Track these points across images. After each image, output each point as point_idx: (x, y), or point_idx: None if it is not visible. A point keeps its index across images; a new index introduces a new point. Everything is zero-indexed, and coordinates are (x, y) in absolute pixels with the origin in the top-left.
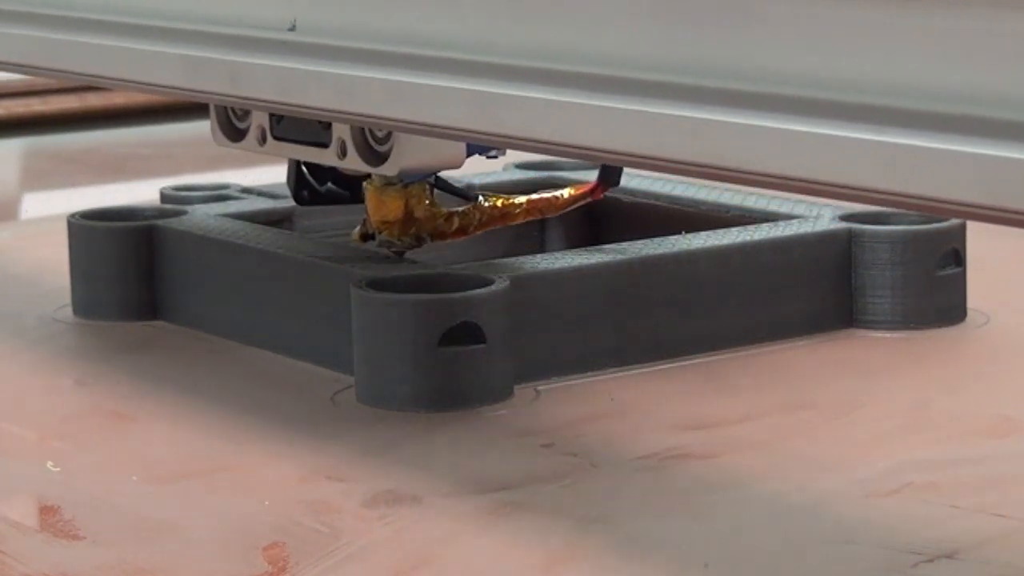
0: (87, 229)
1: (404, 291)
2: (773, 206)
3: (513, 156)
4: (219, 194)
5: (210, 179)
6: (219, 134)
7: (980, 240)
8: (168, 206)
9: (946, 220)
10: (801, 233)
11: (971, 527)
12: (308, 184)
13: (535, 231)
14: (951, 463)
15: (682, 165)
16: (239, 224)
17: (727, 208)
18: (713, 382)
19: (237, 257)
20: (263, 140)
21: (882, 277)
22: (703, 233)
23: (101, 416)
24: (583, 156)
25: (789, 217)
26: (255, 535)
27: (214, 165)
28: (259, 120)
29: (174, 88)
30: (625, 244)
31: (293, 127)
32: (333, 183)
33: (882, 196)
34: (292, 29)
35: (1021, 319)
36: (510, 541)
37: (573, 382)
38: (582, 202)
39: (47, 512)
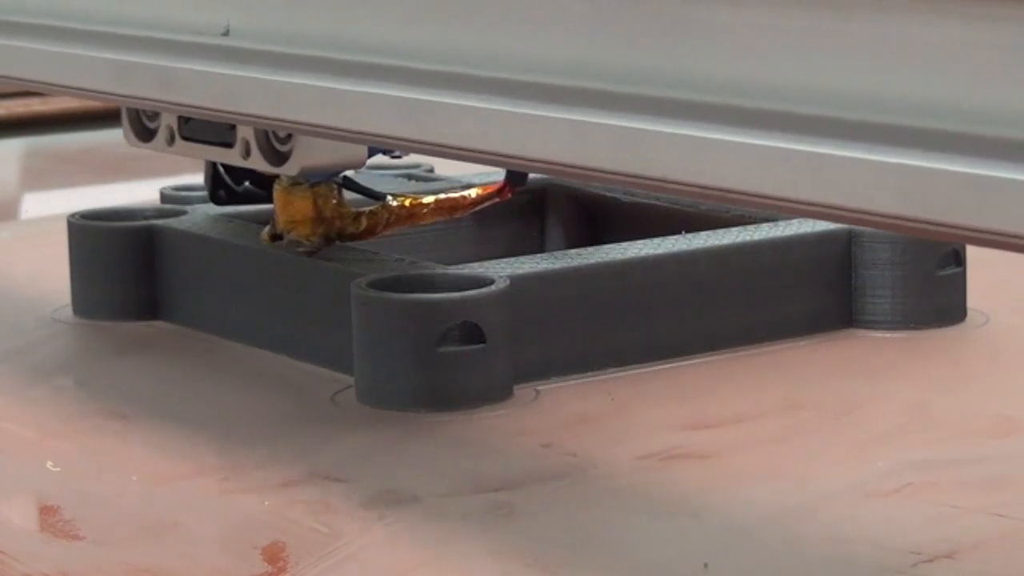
0: (87, 229)
1: (404, 291)
2: None
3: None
4: None
5: None
6: (131, 135)
7: None
8: (168, 206)
9: None
10: (801, 233)
11: (971, 527)
12: (224, 184)
13: (535, 231)
14: (951, 463)
15: (606, 174)
16: (239, 224)
17: (727, 208)
18: (713, 382)
19: (237, 257)
20: (172, 140)
21: (882, 277)
22: (703, 233)
23: (101, 416)
24: (512, 165)
25: (789, 217)
26: (255, 535)
27: None
28: (168, 121)
29: (105, 93)
30: (625, 244)
31: (200, 128)
32: (251, 183)
33: (803, 206)
34: (226, 34)
35: (1021, 319)
36: (509, 541)
37: (573, 382)
38: (490, 202)
39: (47, 512)
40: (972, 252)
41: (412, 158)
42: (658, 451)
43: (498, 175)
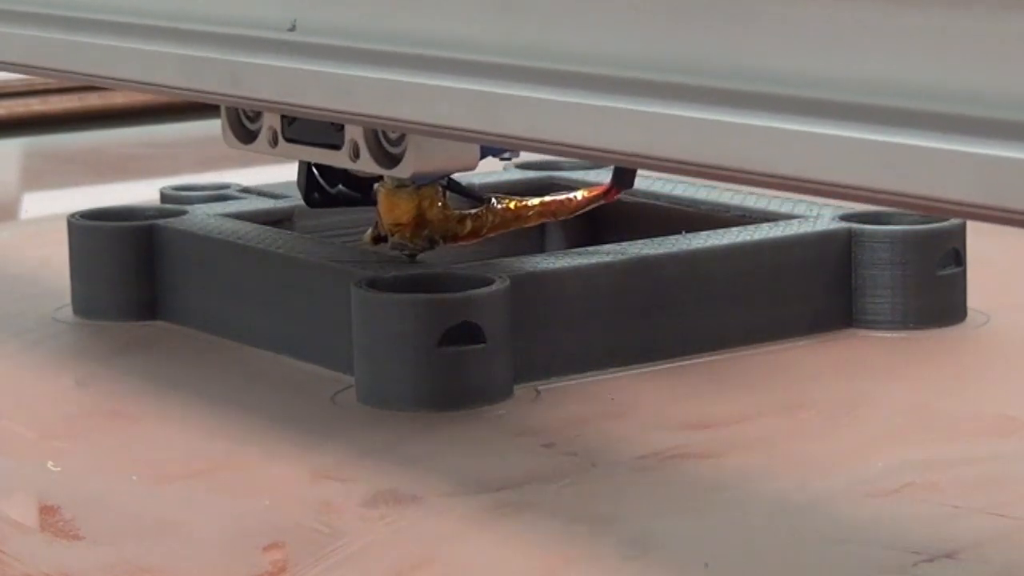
0: (87, 229)
1: (404, 291)
2: (773, 206)
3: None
4: (219, 194)
5: (210, 179)
6: (230, 135)
7: (980, 240)
8: (168, 206)
9: (946, 220)
10: (801, 233)
11: (971, 527)
12: (319, 186)
13: (535, 231)
14: (951, 463)
15: (682, 165)
16: (239, 224)
17: (727, 208)
18: (713, 382)
19: (237, 257)
20: (275, 142)
21: (882, 277)
22: (703, 233)
23: (101, 416)
24: (585, 156)
25: (789, 217)
26: (255, 535)
27: (214, 165)
28: (271, 122)
29: (174, 88)
30: (625, 244)
31: (305, 129)
32: (344, 185)
33: (880, 195)
34: (292, 29)
35: (1021, 319)
36: (510, 541)
37: (573, 382)
38: (595, 204)
39: (47, 512)
40: (972, 252)
41: None
42: (659, 451)
43: (498, 176)
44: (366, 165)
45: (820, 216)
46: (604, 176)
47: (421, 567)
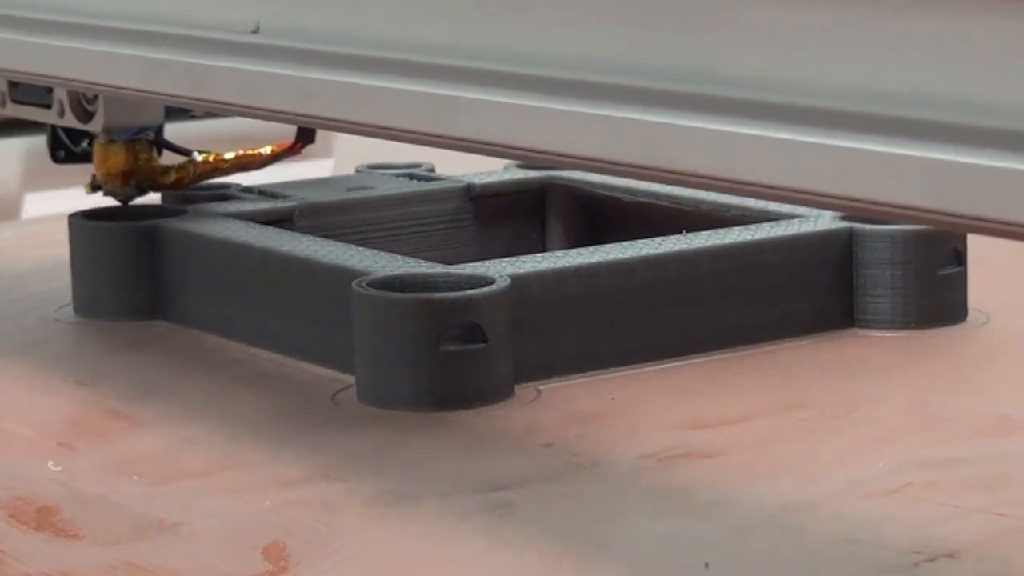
0: (88, 229)
1: (405, 290)
2: (774, 206)
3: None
4: (219, 194)
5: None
6: None
7: (980, 240)
8: (168, 205)
9: None
10: (802, 232)
11: (971, 527)
12: (63, 144)
13: (536, 231)
14: (951, 463)
15: (636, 168)
16: (239, 224)
17: (728, 208)
18: (713, 382)
19: (237, 257)
20: (3, 103)
21: (883, 276)
22: (704, 233)
23: (101, 416)
24: (536, 159)
25: (790, 217)
26: (255, 535)
27: None
28: (0, 86)
29: (135, 90)
30: (625, 244)
31: (27, 92)
32: (89, 144)
33: (834, 201)
34: (256, 31)
35: (1021, 319)
36: (510, 541)
37: (573, 382)
38: (283, 159)
39: (47, 512)
40: (973, 252)
41: (413, 157)
42: (659, 450)
43: (499, 176)
44: (69, 120)
45: (821, 216)
46: (604, 176)
47: (421, 567)
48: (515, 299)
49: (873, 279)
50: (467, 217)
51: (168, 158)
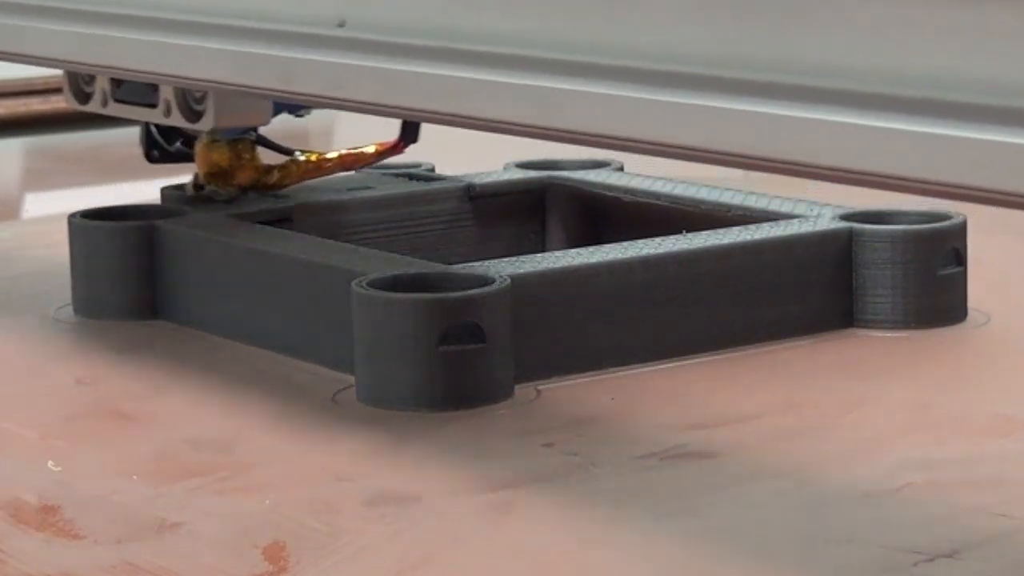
0: (88, 228)
1: (405, 290)
2: (774, 206)
3: (509, 154)
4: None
5: None
6: (70, 97)
7: (980, 240)
8: (168, 206)
9: (947, 220)
10: (802, 232)
11: (971, 527)
12: (158, 144)
13: (536, 231)
14: (951, 463)
15: (743, 159)
16: (239, 224)
17: (728, 207)
18: (713, 382)
19: (237, 257)
20: (106, 103)
21: (883, 276)
22: (704, 233)
23: (101, 416)
24: (636, 150)
25: (790, 216)
26: (256, 534)
27: None
28: (102, 84)
29: (224, 83)
30: (625, 244)
31: (130, 91)
32: (182, 144)
33: (942, 188)
34: (341, 26)
35: (1021, 319)
36: (510, 541)
37: (573, 382)
38: (386, 157)
39: (47, 512)
40: (972, 252)
41: (413, 157)
42: (659, 450)
43: (499, 175)
44: (175, 120)
45: (821, 215)
46: (604, 176)
47: (421, 567)
48: (515, 299)
49: (873, 279)
50: (467, 217)
51: (270, 158)
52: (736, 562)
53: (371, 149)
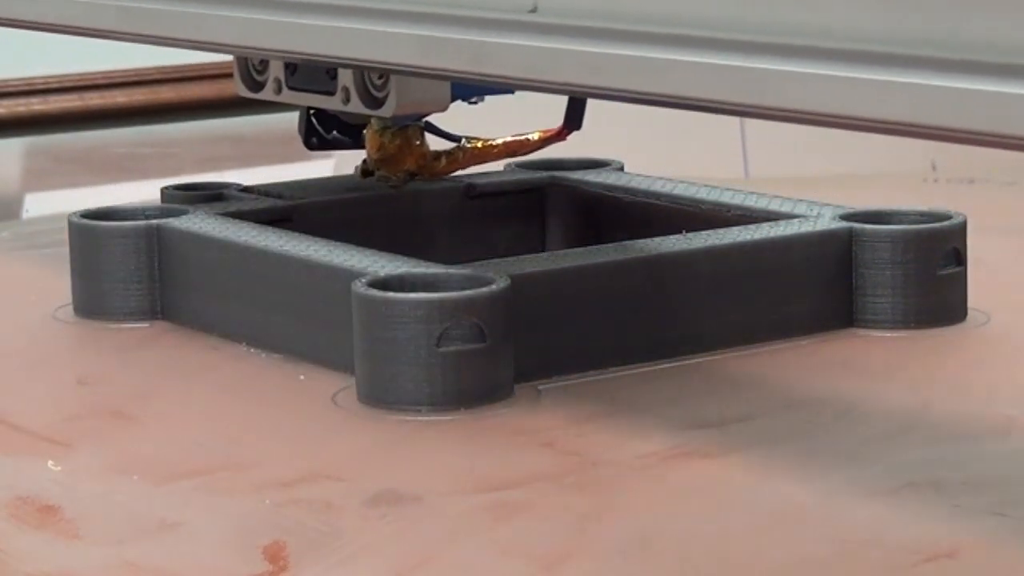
0: (88, 228)
1: (405, 290)
2: (774, 205)
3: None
4: (219, 194)
5: (210, 179)
6: (241, 86)
7: (980, 240)
8: (169, 205)
9: (947, 220)
10: (802, 232)
11: (971, 527)
12: (316, 132)
13: (536, 230)
14: (951, 463)
15: (947, 132)
16: (239, 224)
17: (728, 207)
18: (713, 382)
19: (237, 257)
20: (279, 90)
21: (882, 276)
22: (703, 233)
23: (101, 416)
24: (841, 126)
25: (790, 216)
26: (256, 534)
27: (214, 165)
28: (276, 72)
29: (413, 67)
30: (625, 244)
31: (305, 77)
32: (338, 131)
33: None
34: (533, 11)
35: (1021, 319)
36: (510, 541)
37: (573, 382)
38: (550, 144)
39: (47, 512)
40: (972, 252)
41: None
42: (659, 450)
43: (500, 176)
44: (356, 107)
45: (821, 216)
46: (604, 176)
47: (421, 567)
48: (515, 299)
49: (873, 279)
50: (467, 217)
51: (437, 144)
52: (736, 562)
53: (535, 136)
